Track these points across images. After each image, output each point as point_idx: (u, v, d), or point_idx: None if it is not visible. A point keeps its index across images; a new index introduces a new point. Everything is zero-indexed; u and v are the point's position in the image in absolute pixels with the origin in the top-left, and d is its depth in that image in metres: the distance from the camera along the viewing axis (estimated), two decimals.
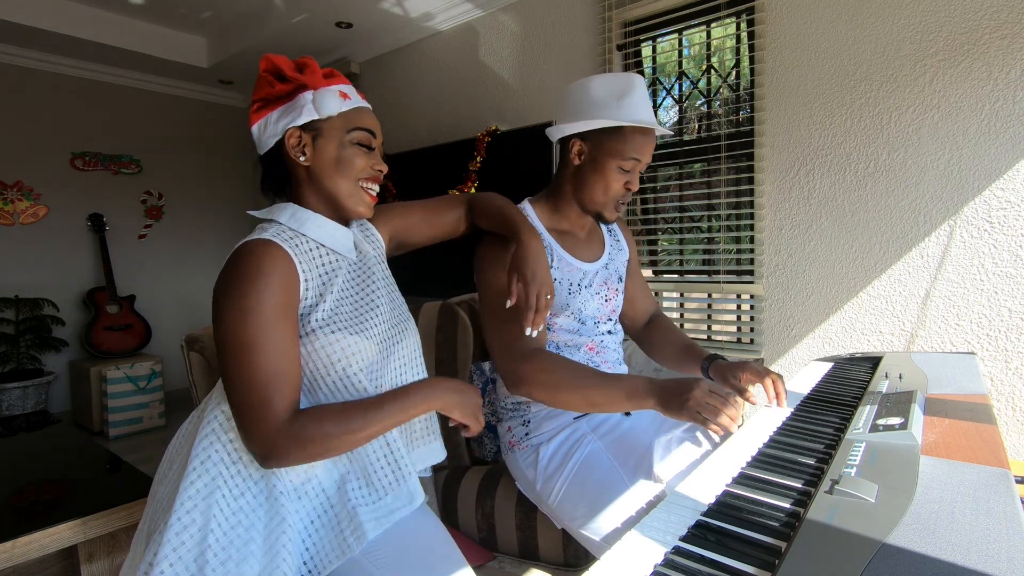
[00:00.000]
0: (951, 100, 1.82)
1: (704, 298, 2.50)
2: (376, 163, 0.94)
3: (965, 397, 0.99)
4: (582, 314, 1.23)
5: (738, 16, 2.30)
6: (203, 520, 0.78)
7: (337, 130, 0.90)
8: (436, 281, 3.21)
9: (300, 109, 0.89)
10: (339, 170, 0.90)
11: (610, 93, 1.15)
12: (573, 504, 1.11)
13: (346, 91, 0.93)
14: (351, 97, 0.93)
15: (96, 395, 3.50)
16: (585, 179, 1.19)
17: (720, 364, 1.23)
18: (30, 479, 1.32)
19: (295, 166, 0.91)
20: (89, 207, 4.02)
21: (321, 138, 0.90)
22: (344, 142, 0.91)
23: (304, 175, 0.92)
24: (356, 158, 0.91)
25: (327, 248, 0.91)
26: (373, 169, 0.94)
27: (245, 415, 0.78)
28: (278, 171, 0.94)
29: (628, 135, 1.15)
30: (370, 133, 0.93)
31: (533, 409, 1.23)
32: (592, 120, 1.14)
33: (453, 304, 1.59)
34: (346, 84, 0.95)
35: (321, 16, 3.21)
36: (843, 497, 0.63)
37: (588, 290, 1.24)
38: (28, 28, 3.27)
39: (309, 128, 0.90)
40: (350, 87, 0.95)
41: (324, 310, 0.85)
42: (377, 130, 0.95)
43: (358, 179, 0.92)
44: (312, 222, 0.90)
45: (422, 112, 3.49)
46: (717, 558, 0.56)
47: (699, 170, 2.47)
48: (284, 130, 0.89)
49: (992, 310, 1.78)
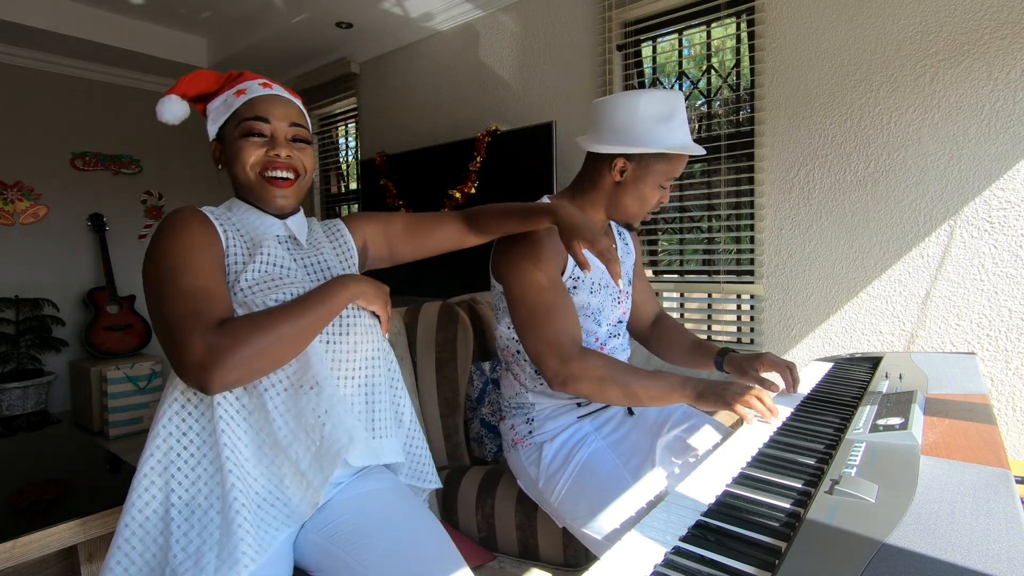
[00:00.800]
0: (951, 100, 1.82)
1: (704, 298, 2.50)
2: (271, 148, 0.91)
3: (965, 397, 0.99)
4: (600, 314, 1.24)
5: (738, 16, 2.30)
6: (163, 495, 0.80)
7: (232, 129, 0.92)
8: (436, 281, 3.21)
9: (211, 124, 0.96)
10: (233, 166, 0.92)
11: (657, 116, 1.14)
12: (575, 503, 1.11)
13: (243, 87, 0.94)
14: (247, 92, 0.93)
15: (96, 395, 3.50)
16: (625, 195, 1.21)
17: (734, 357, 1.25)
18: (30, 479, 1.32)
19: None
20: (89, 207, 4.02)
21: (223, 141, 0.94)
22: (235, 137, 0.92)
23: (229, 179, 0.96)
24: (244, 150, 0.91)
25: (250, 226, 0.93)
26: (267, 156, 0.91)
27: (175, 334, 0.74)
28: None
29: (675, 160, 1.18)
30: (259, 120, 0.91)
31: (537, 407, 1.23)
32: (642, 147, 1.14)
33: (453, 304, 1.59)
34: (247, 81, 0.95)
35: (321, 16, 3.21)
36: (843, 497, 0.63)
37: (606, 291, 1.25)
38: (28, 28, 3.27)
39: (220, 137, 0.95)
40: (252, 82, 0.95)
41: (252, 271, 0.85)
42: (274, 114, 0.92)
43: (257, 172, 0.91)
44: (239, 208, 0.95)
45: (422, 112, 3.49)
46: (717, 558, 0.56)
47: (699, 170, 2.47)
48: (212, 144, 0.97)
49: (992, 310, 1.78)
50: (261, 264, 0.87)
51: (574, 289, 1.20)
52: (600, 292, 1.24)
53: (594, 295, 1.22)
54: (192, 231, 0.83)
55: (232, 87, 0.95)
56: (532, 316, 1.12)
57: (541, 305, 1.11)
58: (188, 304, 0.76)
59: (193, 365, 0.73)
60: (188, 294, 0.77)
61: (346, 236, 1.06)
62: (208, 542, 0.77)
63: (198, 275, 0.79)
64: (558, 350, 1.08)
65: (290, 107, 0.95)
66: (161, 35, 3.73)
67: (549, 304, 1.11)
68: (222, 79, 0.97)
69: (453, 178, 3.05)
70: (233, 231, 0.89)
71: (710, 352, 1.30)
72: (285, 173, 0.93)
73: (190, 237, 0.82)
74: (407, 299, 3.30)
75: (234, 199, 0.97)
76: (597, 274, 1.24)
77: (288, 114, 0.94)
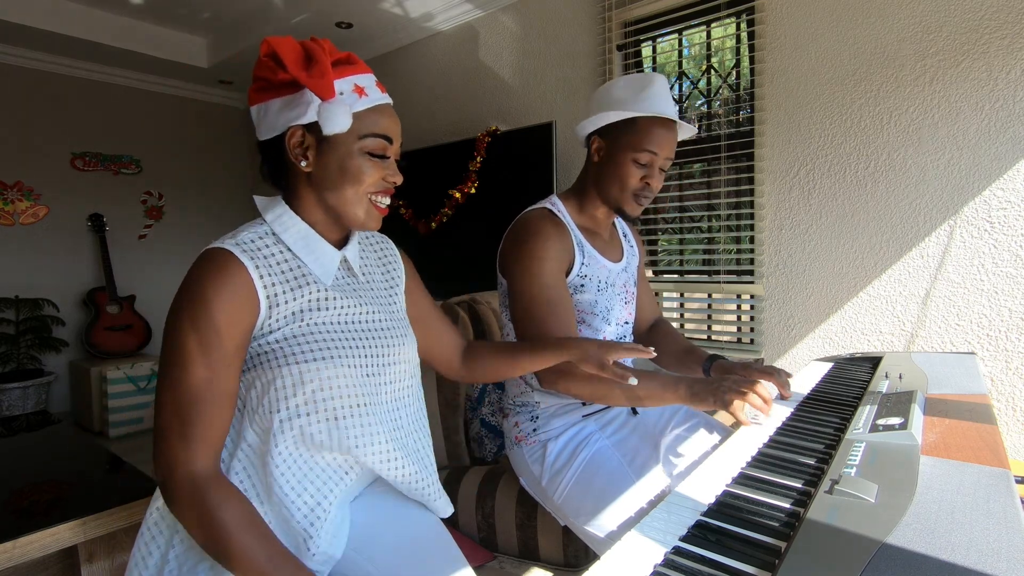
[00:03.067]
0: (951, 100, 1.82)
1: (704, 298, 2.50)
2: (390, 174, 0.83)
3: (965, 397, 0.99)
4: (609, 314, 1.24)
5: (738, 16, 2.30)
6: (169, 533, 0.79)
7: (347, 135, 0.78)
8: (436, 281, 3.21)
9: (306, 107, 0.77)
10: (344, 182, 0.79)
11: (629, 91, 1.16)
12: (579, 501, 1.11)
13: (362, 83, 0.79)
14: (368, 93, 0.79)
15: (96, 395, 3.50)
16: (603, 175, 1.20)
17: (722, 364, 1.23)
18: (30, 479, 1.32)
19: (295, 167, 0.81)
20: (89, 207, 4.03)
21: (326, 143, 0.78)
22: (353, 151, 0.78)
23: (304, 179, 0.81)
24: (366, 170, 0.79)
25: (301, 261, 0.81)
26: (386, 181, 0.82)
27: (162, 436, 0.72)
28: (276, 165, 0.83)
29: (641, 127, 1.15)
30: (386, 140, 0.81)
31: (542, 405, 1.23)
32: (606, 114, 1.15)
33: (453, 304, 1.59)
34: (363, 74, 0.80)
35: (321, 16, 3.21)
36: (843, 497, 0.63)
37: (612, 289, 1.25)
38: (28, 28, 3.27)
39: (314, 129, 0.78)
40: (368, 77, 0.81)
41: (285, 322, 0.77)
42: (395, 133, 0.82)
43: (367, 193, 0.81)
44: (296, 232, 0.81)
45: (422, 112, 3.49)
46: (717, 558, 0.56)
47: (699, 170, 2.47)
48: (286, 127, 0.78)
49: (992, 310, 1.78)
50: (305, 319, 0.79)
51: (582, 287, 1.20)
52: (607, 291, 1.24)
53: (601, 293, 1.23)
54: (221, 307, 0.72)
55: (345, 75, 0.79)
56: (530, 311, 1.12)
57: (541, 301, 1.12)
58: (180, 414, 0.71)
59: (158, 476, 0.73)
60: (188, 398, 0.71)
61: (399, 263, 1.00)
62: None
63: (210, 377, 0.72)
64: None
65: (399, 121, 0.85)
66: (161, 35, 3.73)
67: (548, 300, 1.11)
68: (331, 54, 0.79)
69: (453, 178, 3.05)
70: (272, 267, 0.77)
71: (700, 358, 1.28)
72: (389, 200, 0.85)
73: (215, 317, 0.72)
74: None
75: (288, 213, 0.82)
76: (604, 272, 1.24)
77: (400, 132, 0.85)
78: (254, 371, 0.77)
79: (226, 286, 0.72)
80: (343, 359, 0.79)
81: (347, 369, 0.79)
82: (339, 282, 0.85)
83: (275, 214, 0.82)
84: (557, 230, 1.16)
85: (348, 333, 0.83)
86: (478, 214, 2.99)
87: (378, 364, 0.85)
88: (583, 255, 1.21)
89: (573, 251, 1.19)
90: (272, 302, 0.76)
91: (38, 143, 3.81)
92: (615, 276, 1.27)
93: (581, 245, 1.21)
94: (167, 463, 0.72)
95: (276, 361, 0.76)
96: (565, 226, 1.19)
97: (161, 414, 0.72)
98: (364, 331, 0.85)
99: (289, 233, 0.81)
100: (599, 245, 1.27)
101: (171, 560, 0.77)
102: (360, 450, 0.80)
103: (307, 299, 0.79)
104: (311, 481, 0.78)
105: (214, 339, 0.72)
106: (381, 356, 0.85)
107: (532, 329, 1.12)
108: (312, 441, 0.77)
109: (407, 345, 0.91)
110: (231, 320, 0.73)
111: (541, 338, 1.07)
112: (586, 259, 1.21)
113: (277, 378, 0.76)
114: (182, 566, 0.77)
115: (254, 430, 0.78)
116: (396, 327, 0.90)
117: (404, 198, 3.34)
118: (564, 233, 1.18)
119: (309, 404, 0.77)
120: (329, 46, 0.78)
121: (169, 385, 0.72)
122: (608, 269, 1.25)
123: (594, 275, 1.21)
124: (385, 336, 0.87)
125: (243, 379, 0.78)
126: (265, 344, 0.77)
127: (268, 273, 0.76)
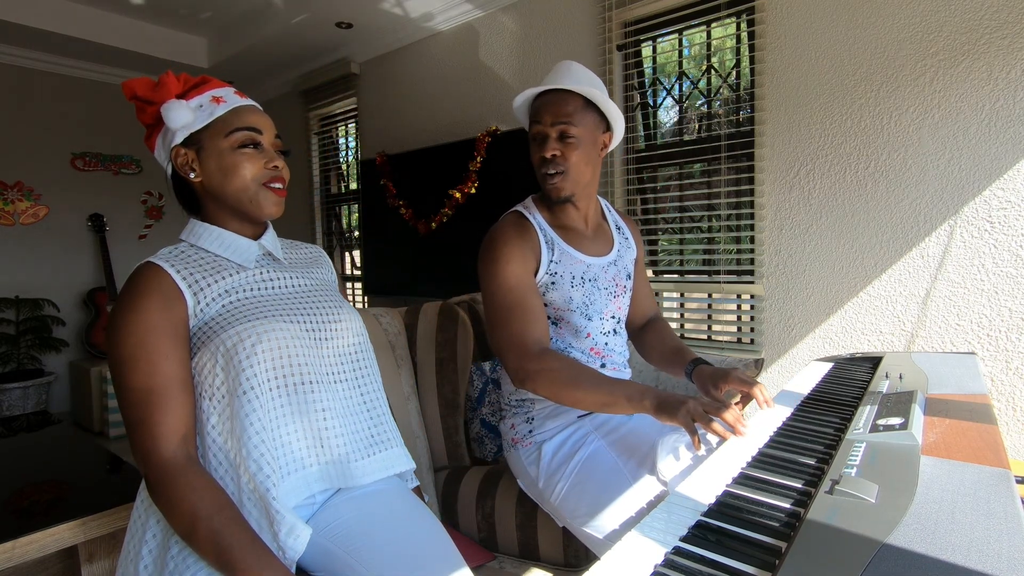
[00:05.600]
0: (951, 100, 1.82)
1: (704, 298, 2.50)
2: (268, 160, 0.90)
3: (965, 397, 0.99)
4: (588, 309, 1.23)
5: (738, 16, 2.29)
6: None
7: (215, 138, 0.88)
8: (436, 281, 3.21)
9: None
10: (227, 178, 0.88)
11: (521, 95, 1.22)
12: (576, 502, 1.11)
13: (219, 94, 0.90)
14: (226, 100, 0.90)
15: (96, 395, 3.50)
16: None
17: (703, 370, 1.19)
18: (30, 479, 1.32)
19: (191, 183, 0.90)
20: (89, 207, 4.03)
21: (203, 150, 0.88)
22: (225, 149, 0.88)
23: (202, 191, 0.91)
24: (242, 162, 0.88)
25: (225, 259, 0.90)
26: (268, 168, 0.90)
27: (128, 432, 0.79)
28: (184, 191, 0.94)
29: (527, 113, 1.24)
30: (252, 131, 0.89)
31: (537, 406, 1.23)
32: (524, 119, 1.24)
33: (453, 304, 1.59)
34: (220, 88, 0.92)
35: (321, 16, 3.21)
36: (843, 497, 0.63)
37: (593, 284, 1.24)
38: (28, 28, 3.27)
39: (190, 143, 0.89)
40: (226, 89, 0.92)
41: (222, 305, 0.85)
42: (263, 125, 0.91)
43: (254, 182, 0.89)
44: (209, 235, 0.90)
45: (422, 112, 3.49)
46: (717, 558, 0.56)
47: (699, 170, 2.47)
48: (169, 151, 0.89)
49: (992, 310, 1.78)
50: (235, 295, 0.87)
51: (552, 284, 1.20)
52: (585, 286, 1.23)
53: (576, 289, 1.21)
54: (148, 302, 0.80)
55: (203, 91, 0.91)
56: (498, 314, 1.13)
57: (506, 304, 1.12)
58: (139, 410, 0.78)
59: (143, 473, 0.79)
60: (136, 396, 0.78)
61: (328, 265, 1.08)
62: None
63: (153, 371, 0.78)
64: (519, 348, 1.09)
65: (269, 117, 0.94)
66: (161, 35, 3.74)
67: (513, 303, 1.12)
68: (187, 82, 0.92)
69: (453, 178, 3.05)
70: (198, 270, 0.86)
71: (684, 360, 1.25)
72: (280, 184, 0.93)
73: (146, 313, 0.80)
74: (407, 299, 3.31)
75: (199, 224, 0.92)
76: (579, 268, 1.23)
77: (271, 125, 0.93)
78: (201, 351, 0.83)
79: (149, 288, 0.81)
80: (281, 318, 0.87)
81: (288, 325, 0.87)
82: (262, 264, 0.94)
83: (188, 230, 0.92)
84: (520, 232, 1.18)
85: (282, 299, 0.92)
86: (478, 214, 2.99)
87: (320, 322, 0.92)
88: (552, 252, 1.20)
89: (540, 250, 1.19)
90: (195, 288, 0.84)
91: (38, 143, 3.81)
92: (598, 270, 1.26)
93: (552, 242, 1.21)
94: (140, 456, 0.78)
95: (216, 333, 0.83)
96: (532, 226, 1.20)
97: (125, 415, 0.79)
98: (297, 295, 0.94)
99: (203, 240, 0.90)
100: (575, 240, 1.25)
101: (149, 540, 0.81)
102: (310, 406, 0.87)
103: (232, 280, 0.88)
104: (267, 462, 0.81)
105: (150, 337, 0.79)
106: (320, 314, 0.93)
107: (499, 331, 1.13)
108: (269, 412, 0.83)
109: (344, 308, 0.98)
110: (160, 316, 0.80)
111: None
112: (555, 256, 1.21)
113: (220, 346, 0.82)
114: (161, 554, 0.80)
115: (216, 414, 0.83)
116: (328, 294, 0.99)
117: (404, 198, 3.34)
118: (529, 233, 1.19)
119: (258, 366, 0.82)
120: (185, 76, 0.92)
121: (121, 387, 0.79)
122: (586, 264, 1.24)
123: (566, 271, 1.21)
124: (319, 299, 0.96)
125: (195, 365, 0.83)
126: (204, 325, 0.84)
127: (186, 268, 0.85)
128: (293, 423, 0.86)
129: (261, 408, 0.82)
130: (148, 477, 0.77)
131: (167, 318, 0.81)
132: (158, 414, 0.77)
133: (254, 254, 0.92)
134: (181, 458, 0.78)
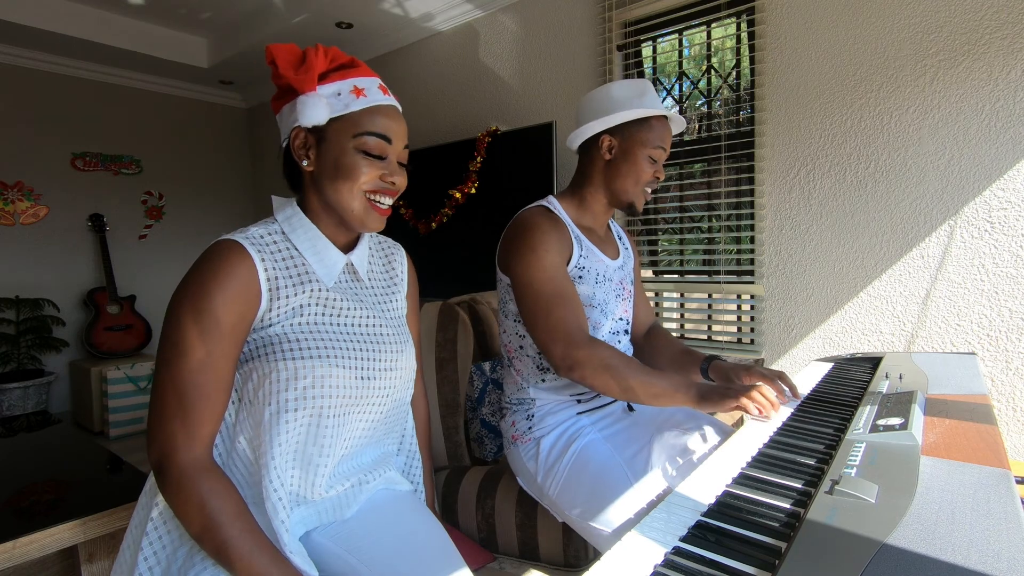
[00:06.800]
0: (951, 100, 1.82)
1: (704, 298, 2.50)
2: (388, 174, 0.83)
3: (965, 397, 0.99)
4: (606, 307, 1.26)
5: (738, 16, 2.29)
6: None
7: (342, 134, 0.80)
8: (436, 281, 3.21)
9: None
10: (339, 178, 0.81)
11: (631, 92, 1.23)
12: (572, 494, 1.12)
13: (362, 85, 0.81)
14: (367, 95, 0.81)
15: (96, 395, 3.50)
16: (618, 171, 1.24)
17: (720, 365, 1.25)
18: (30, 479, 1.32)
19: (301, 167, 0.84)
20: (89, 207, 4.02)
21: (324, 142, 0.81)
22: (348, 148, 0.80)
23: (309, 180, 0.84)
24: (360, 168, 0.80)
25: (310, 265, 0.83)
26: (383, 181, 0.83)
27: (156, 419, 0.74)
28: (290, 168, 0.86)
29: (654, 124, 1.22)
30: (383, 139, 0.82)
31: (538, 403, 1.24)
32: (621, 116, 1.21)
33: (453, 304, 1.59)
34: (365, 77, 0.83)
35: (321, 16, 3.21)
36: (843, 497, 0.63)
37: (609, 284, 1.28)
38: (28, 28, 3.27)
39: (315, 129, 0.81)
40: (371, 80, 0.84)
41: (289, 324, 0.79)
42: (395, 134, 0.83)
43: (364, 191, 0.82)
44: (304, 233, 0.83)
45: (422, 112, 3.49)
46: (717, 558, 0.56)
47: (699, 170, 2.47)
48: (290, 128, 0.82)
49: (992, 310, 1.78)
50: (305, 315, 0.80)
51: (580, 278, 1.22)
52: (604, 284, 1.26)
53: (599, 286, 1.25)
54: (222, 298, 0.73)
55: (346, 77, 0.82)
56: (539, 303, 1.14)
57: (547, 292, 1.13)
58: (178, 401, 0.73)
59: (153, 464, 0.74)
60: (186, 387, 0.73)
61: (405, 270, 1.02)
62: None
63: (207, 366, 0.73)
64: (565, 336, 1.10)
65: (404, 124, 0.86)
66: (161, 35, 3.73)
67: (555, 291, 1.13)
68: (334, 60, 0.83)
69: (453, 178, 3.05)
70: (280, 267, 0.79)
71: (698, 359, 1.31)
72: (391, 200, 0.85)
73: (214, 306, 0.73)
74: None
75: (299, 214, 0.84)
76: (601, 267, 1.26)
77: (404, 132, 0.85)
78: (252, 363, 0.78)
79: (230, 276, 0.74)
80: (339, 359, 0.81)
81: (341, 370, 0.81)
82: (342, 284, 0.87)
83: (286, 215, 0.85)
84: (554, 224, 1.19)
85: (347, 334, 0.84)
86: (478, 214, 2.99)
87: (374, 368, 0.86)
88: (581, 247, 1.23)
89: (571, 243, 1.21)
90: (274, 295, 0.78)
91: (38, 143, 3.81)
92: (612, 272, 1.30)
93: (579, 239, 1.24)
94: (165, 447, 0.73)
95: (274, 355, 0.78)
96: (562, 221, 1.22)
97: (160, 399, 0.74)
98: (363, 334, 0.86)
99: (297, 233, 0.83)
100: (596, 242, 1.30)
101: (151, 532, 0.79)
102: (320, 459, 0.82)
103: (308, 296, 0.81)
104: (282, 483, 0.79)
105: (213, 327, 0.73)
106: (378, 361, 0.87)
107: (542, 319, 1.13)
108: (290, 437, 0.79)
109: (405, 353, 0.92)
110: (232, 309, 0.74)
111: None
112: (584, 251, 1.23)
113: (273, 371, 0.77)
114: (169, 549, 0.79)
115: (250, 423, 0.79)
116: (395, 334, 0.92)
117: (404, 198, 3.34)
118: (561, 227, 1.21)
119: (299, 400, 0.78)
120: (334, 52, 0.82)
121: (168, 370, 0.73)
122: (605, 264, 1.28)
123: (592, 268, 1.24)
124: (383, 342, 0.89)
125: (241, 371, 0.79)
126: (265, 336, 0.78)
127: (273, 266, 0.78)
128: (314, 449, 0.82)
129: (286, 433, 0.78)
130: (168, 472, 0.72)
131: (237, 312, 0.75)
132: (199, 412, 0.73)
133: (338, 271, 0.85)
134: (208, 459, 0.75)
